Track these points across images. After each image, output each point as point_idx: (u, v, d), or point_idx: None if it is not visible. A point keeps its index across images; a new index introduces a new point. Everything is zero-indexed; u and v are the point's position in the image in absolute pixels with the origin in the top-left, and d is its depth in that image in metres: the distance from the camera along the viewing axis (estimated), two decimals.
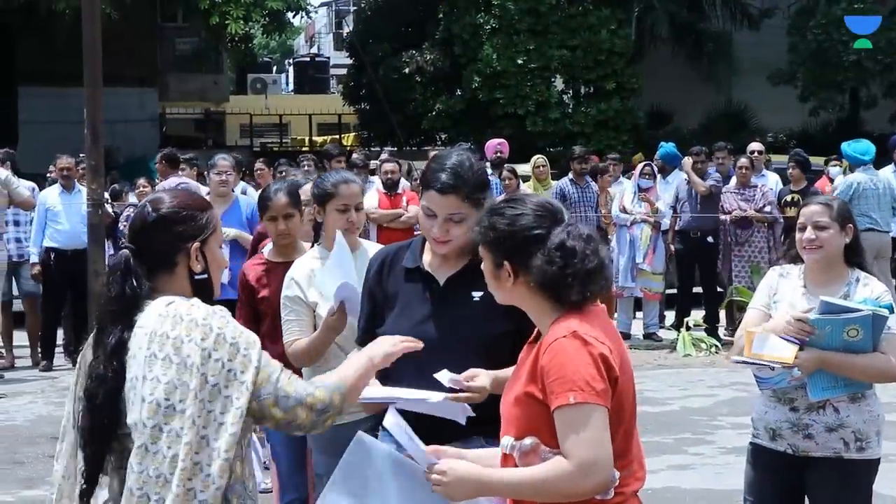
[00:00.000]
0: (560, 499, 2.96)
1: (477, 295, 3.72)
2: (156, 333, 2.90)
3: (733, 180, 13.24)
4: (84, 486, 3.00)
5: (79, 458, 3.04)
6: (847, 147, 12.66)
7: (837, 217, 4.55)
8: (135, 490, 2.84)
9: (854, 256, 4.62)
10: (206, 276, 3.10)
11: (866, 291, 4.50)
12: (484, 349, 3.68)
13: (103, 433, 2.94)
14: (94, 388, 2.94)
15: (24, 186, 11.85)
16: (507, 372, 3.36)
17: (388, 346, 3.34)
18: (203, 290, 3.08)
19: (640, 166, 13.61)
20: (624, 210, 13.18)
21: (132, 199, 13.32)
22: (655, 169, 13.43)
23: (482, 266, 3.21)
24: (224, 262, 3.19)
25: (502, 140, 15.79)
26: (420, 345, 3.46)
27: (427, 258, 3.87)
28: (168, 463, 2.83)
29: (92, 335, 3.04)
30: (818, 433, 4.50)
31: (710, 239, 12.94)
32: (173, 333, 2.89)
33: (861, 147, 12.48)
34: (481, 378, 3.53)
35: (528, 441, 2.98)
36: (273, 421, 3.00)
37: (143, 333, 2.92)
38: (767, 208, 12.84)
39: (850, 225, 4.60)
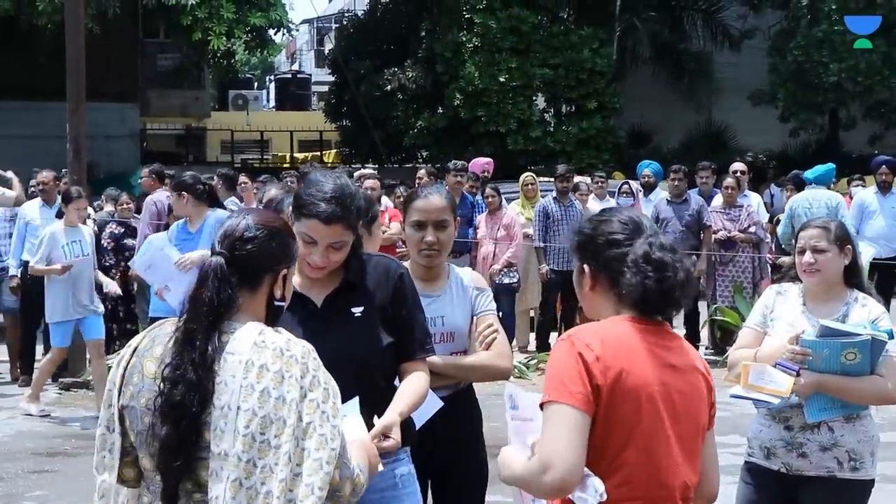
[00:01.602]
0: (531, 492, 3.00)
1: (357, 311, 3.71)
2: (253, 363, 2.82)
3: (717, 199, 13.25)
4: None
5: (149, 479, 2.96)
6: (808, 172, 12.78)
7: (835, 240, 4.62)
8: None
9: (853, 277, 4.67)
10: (283, 304, 3.06)
11: (864, 312, 4.55)
12: (377, 362, 3.70)
13: (189, 448, 2.82)
14: (182, 396, 2.82)
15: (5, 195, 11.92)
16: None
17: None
18: (275, 318, 3.04)
19: (618, 185, 13.59)
20: None
21: (108, 207, 13.24)
22: (633, 187, 13.38)
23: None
24: (290, 295, 3.14)
25: (489, 159, 15.94)
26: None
27: (296, 280, 3.70)
28: (262, 499, 2.75)
29: (173, 339, 2.90)
30: (812, 452, 4.52)
31: (692, 258, 12.91)
32: (274, 367, 2.82)
33: (813, 169, 12.63)
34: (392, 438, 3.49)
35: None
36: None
37: (238, 361, 2.83)
38: (752, 228, 12.86)
39: (849, 246, 4.66)
